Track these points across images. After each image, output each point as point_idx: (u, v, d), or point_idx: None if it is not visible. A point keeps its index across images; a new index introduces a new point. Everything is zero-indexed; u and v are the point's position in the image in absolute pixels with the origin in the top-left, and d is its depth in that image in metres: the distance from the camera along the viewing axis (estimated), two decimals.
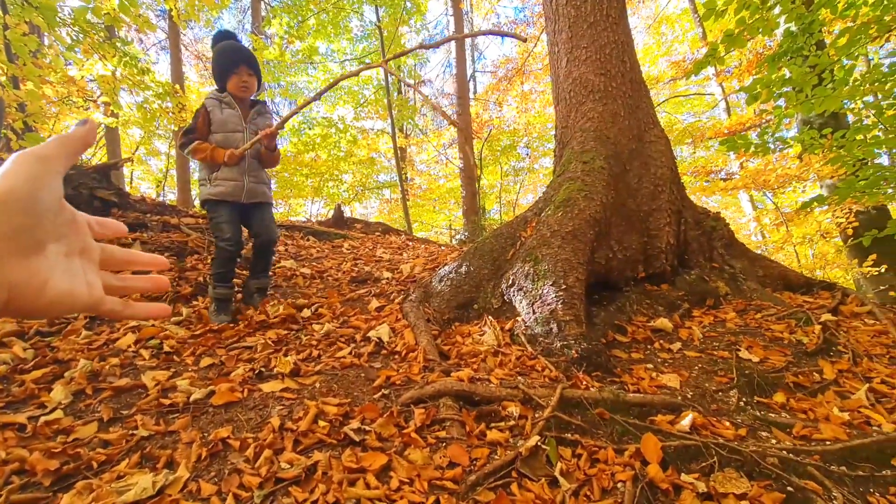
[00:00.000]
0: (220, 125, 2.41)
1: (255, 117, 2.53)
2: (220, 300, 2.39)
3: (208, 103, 2.43)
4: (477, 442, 1.40)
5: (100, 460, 1.20)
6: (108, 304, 0.40)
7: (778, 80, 3.46)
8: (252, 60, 2.49)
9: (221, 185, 2.37)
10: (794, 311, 2.69)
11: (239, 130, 2.45)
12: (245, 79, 2.45)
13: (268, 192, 2.59)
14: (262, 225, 2.51)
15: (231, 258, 2.41)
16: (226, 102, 2.44)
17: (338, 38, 11.07)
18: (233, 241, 2.38)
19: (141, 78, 7.63)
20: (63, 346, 1.83)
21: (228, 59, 2.44)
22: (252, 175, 2.47)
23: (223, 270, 2.39)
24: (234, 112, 2.44)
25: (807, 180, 6.79)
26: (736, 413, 1.80)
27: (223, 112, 2.42)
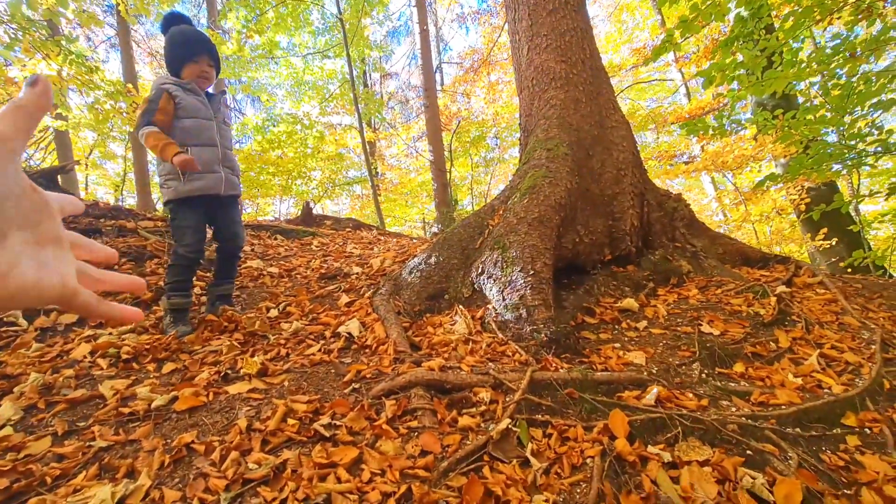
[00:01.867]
0: (190, 110, 2.17)
1: (220, 106, 2.35)
2: (177, 311, 2.18)
3: (170, 87, 2.15)
4: (449, 429, 1.41)
5: (54, 475, 1.15)
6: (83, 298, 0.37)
7: (731, 64, 3.58)
8: (214, 50, 2.31)
9: (199, 179, 2.13)
10: (751, 285, 2.81)
11: (209, 118, 2.25)
12: (205, 69, 2.26)
13: (240, 184, 2.43)
14: (230, 228, 2.32)
15: (190, 266, 2.21)
16: (189, 88, 2.20)
17: (298, 31, 10.79)
18: (194, 249, 2.16)
19: (90, 77, 7.26)
20: (11, 361, 1.73)
21: (190, 45, 2.23)
22: (228, 166, 2.29)
23: (180, 279, 2.18)
24: (200, 98, 2.23)
25: (762, 160, 7.08)
26: (698, 385, 1.87)
27: (188, 96, 2.19)
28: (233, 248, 2.36)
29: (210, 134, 2.21)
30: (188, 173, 2.08)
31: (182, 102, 2.14)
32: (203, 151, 2.15)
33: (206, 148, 2.17)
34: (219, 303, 2.36)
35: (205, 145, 2.17)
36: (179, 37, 2.22)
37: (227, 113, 2.40)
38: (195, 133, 2.16)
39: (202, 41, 2.27)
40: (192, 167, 2.00)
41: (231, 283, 2.45)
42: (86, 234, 3.15)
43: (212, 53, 2.29)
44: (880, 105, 3.28)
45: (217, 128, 2.25)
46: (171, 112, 2.11)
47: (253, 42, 10.27)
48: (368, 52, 11.81)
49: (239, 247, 2.37)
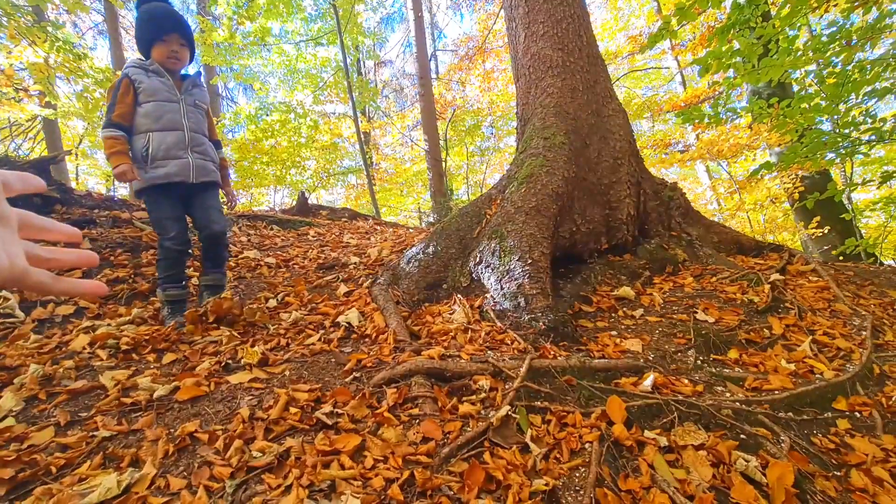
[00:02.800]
0: (149, 93, 2.03)
1: (192, 88, 2.20)
2: (173, 301, 2.12)
3: (130, 71, 2.03)
4: (449, 416, 1.42)
5: (59, 465, 1.16)
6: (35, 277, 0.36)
7: (727, 52, 3.57)
8: (185, 28, 2.15)
9: (163, 167, 2.01)
10: (745, 273, 2.84)
11: (174, 100, 2.10)
12: (175, 48, 2.10)
13: (215, 171, 2.25)
14: (206, 215, 2.17)
15: (179, 259, 2.13)
16: (152, 70, 2.07)
17: (291, 17, 10.60)
18: (179, 240, 2.06)
19: (78, 64, 7.12)
20: (10, 353, 1.73)
21: (158, 24, 2.07)
22: (197, 150, 2.14)
23: (172, 272, 2.12)
24: (165, 80, 2.09)
25: (757, 149, 7.10)
26: (693, 371, 1.91)
27: (150, 78, 2.05)
28: (211, 234, 2.19)
29: (173, 117, 2.07)
30: (151, 161, 2.00)
31: (143, 86, 2.03)
32: (166, 136, 2.04)
33: (169, 133, 2.05)
34: (207, 293, 2.24)
35: (167, 129, 2.05)
36: (146, 14, 2.08)
37: (200, 94, 2.25)
38: (155, 117, 2.04)
39: (171, 18, 2.11)
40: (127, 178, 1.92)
41: (219, 272, 2.32)
42: (79, 224, 3.12)
43: (183, 32, 2.14)
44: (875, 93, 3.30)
45: (184, 110, 2.12)
46: (131, 102, 2.01)
47: (244, 29, 10.09)
48: (362, 40, 11.65)
49: (218, 233, 2.21)
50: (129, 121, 2.00)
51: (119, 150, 1.95)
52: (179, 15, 2.16)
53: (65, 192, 3.38)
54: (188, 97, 2.15)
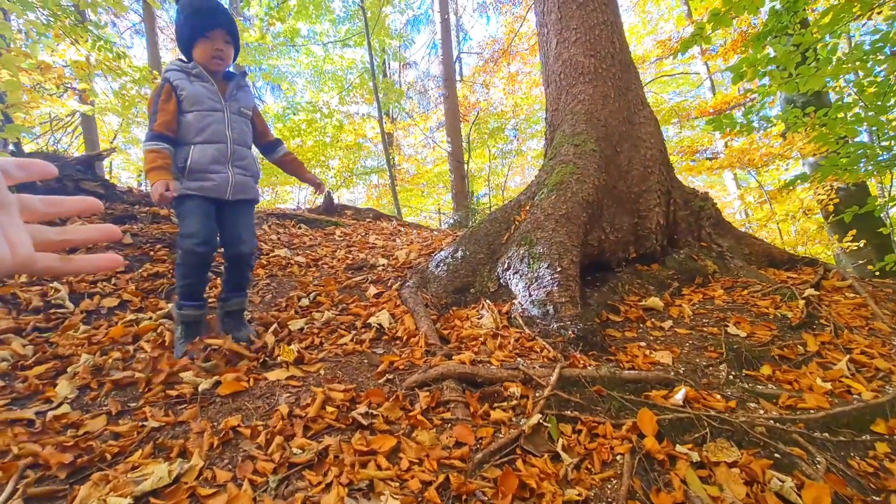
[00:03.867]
0: (192, 101, 1.83)
1: (236, 91, 1.97)
2: (189, 324, 1.85)
3: (171, 76, 1.83)
4: (481, 422, 1.45)
5: (113, 452, 1.22)
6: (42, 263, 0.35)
7: (763, 59, 3.50)
8: (231, 24, 1.90)
9: (201, 180, 1.82)
10: (778, 287, 2.78)
11: (218, 109, 1.88)
12: (220, 47, 1.86)
13: (255, 187, 2.03)
14: (235, 232, 1.93)
15: (201, 263, 1.84)
16: (195, 74, 1.85)
17: (320, 19, 10.79)
18: (202, 240, 1.79)
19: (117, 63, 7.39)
20: (62, 342, 1.82)
21: (201, 19, 1.84)
22: (238, 164, 1.91)
23: (191, 281, 1.84)
24: (208, 85, 1.87)
25: (789, 158, 6.92)
26: (725, 386, 1.88)
27: (193, 84, 1.84)
28: (238, 255, 1.94)
29: (217, 128, 1.86)
30: (189, 173, 1.81)
31: (185, 93, 1.82)
32: (207, 150, 1.83)
33: (210, 146, 1.84)
34: (228, 320, 2.01)
35: (209, 142, 1.84)
36: (188, 8, 1.84)
37: (245, 99, 2.02)
38: (198, 129, 1.83)
39: (217, 12, 1.86)
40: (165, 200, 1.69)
41: (242, 296, 2.04)
42: (121, 220, 3.25)
43: (228, 28, 1.89)
44: None
45: (228, 120, 1.90)
46: (174, 109, 1.81)
47: (274, 29, 10.32)
48: (389, 42, 11.78)
49: (246, 253, 1.95)
50: (173, 130, 1.81)
51: (159, 164, 1.74)
52: (224, 8, 1.93)
53: (108, 187, 3.53)
54: (233, 103, 1.94)
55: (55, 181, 3.05)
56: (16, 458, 1.17)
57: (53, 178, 2.91)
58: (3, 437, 1.23)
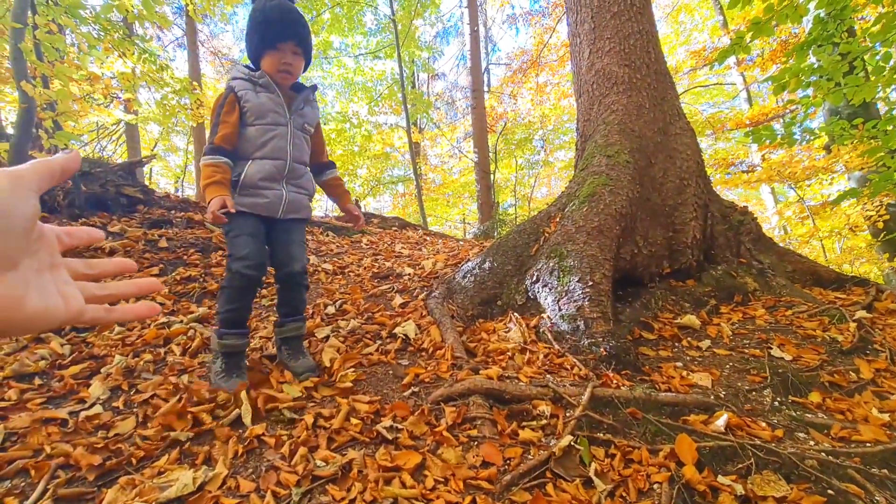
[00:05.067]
0: (256, 113, 1.70)
1: (303, 106, 1.83)
2: (231, 355, 1.65)
3: (237, 84, 1.71)
4: (509, 441, 1.39)
5: (139, 456, 1.22)
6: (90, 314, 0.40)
7: (808, 69, 3.36)
8: (304, 34, 1.74)
9: (254, 196, 1.70)
10: (826, 308, 2.61)
11: (282, 123, 1.74)
12: (289, 60, 1.71)
13: (308, 206, 1.89)
14: (287, 250, 1.79)
15: (248, 288, 1.68)
16: (261, 84, 1.72)
17: (352, 32, 11.05)
18: (252, 262, 1.64)
19: (160, 75, 7.73)
20: (97, 342, 1.87)
21: (271, 29, 1.69)
22: (293, 182, 1.79)
23: (235, 307, 1.67)
24: (274, 97, 1.73)
25: (833, 172, 6.60)
26: (771, 413, 1.76)
27: (258, 96, 1.71)
28: (290, 274, 1.79)
29: (278, 143, 1.73)
30: (241, 188, 1.70)
31: (249, 104, 1.70)
32: (264, 165, 1.71)
33: (268, 161, 1.72)
34: (286, 349, 1.83)
35: (268, 158, 1.73)
36: (259, 15, 1.69)
37: (311, 114, 1.88)
38: (259, 143, 1.71)
39: (288, 21, 1.70)
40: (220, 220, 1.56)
41: (299, 321, 1.85)
42: (158, 224, 3.35)
43: (300, 38, 1.73)
44: None
45: (291, 135, 1.76)
46: (236, 121, 1.69)
47: None
48: (418, 54, 11.94)
49: (296, 272, 1.79)
50: (234, 143, 1.69)
51: (217, 179, 1.61)
52: (298, 15, 1.73)
53: (146, 193, 3.66)
54: (297, 118, 1.80)
55: (98, 186, 3.18)
56: (48, 457, 1.19)
57: (97, 184, 3.03)
58: (37, 436, 1.25)
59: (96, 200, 3.12)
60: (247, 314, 1.73)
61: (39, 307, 0.35)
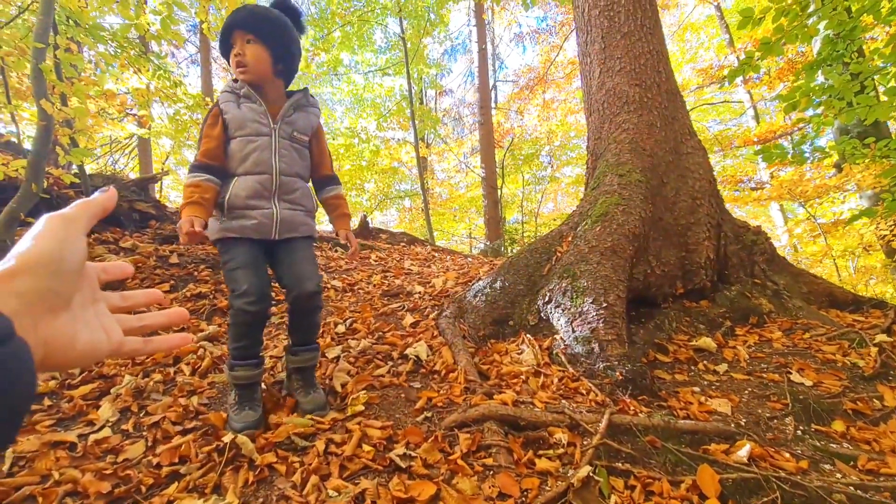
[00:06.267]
0: (236, 125, 1.58)
1: (292, 112, 1.66)
2: (243, 387, 1.55)
3: (221, 98, 1.61)
4: (526, 471, 1.35)
5: (148, 484, 1.20)
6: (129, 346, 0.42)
7: (818, 89, 3.36)
8: (255, 19, 1.55)
9: (241, 217, 1.56)
10: (845, 331, 2.56)
11: (264, 133, 1.59)
12: (238, 51, 1.54)
13: (308, 223, 1.72)
14: (293, 270, 1.62)
15: (254, 323, 1.55)
16: (243, 94, 1.59)
17: (362, 49, 11.23)
18: (253, 298, 1.50)
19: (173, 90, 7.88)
20: (107, 361, 1.85)
21: (223, 32, 1.57)
22: (286, 199, 1.63)
23: (245, 343, 1.56)
24: (255, 105, 1.59)
25: (845, 191, 6.54)
26: (794, 443, 1.71)
27: (240, 107, 1.58)
28: (301, 295, 1.61)
29: (261, 156, 1.58)
30: (228, 210, 1.56)
31: (229, 116, 1.58)
32: (248, 181, 1.57)
33: (251, 177, 1.57)
34: (297, 378, 1.69)
35: (251, 173, 1.58)
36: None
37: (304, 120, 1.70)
38: (241, 157, 1.58)
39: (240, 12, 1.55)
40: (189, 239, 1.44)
41: (312, 350, 1.71)
42: (169, 240, 3.36)
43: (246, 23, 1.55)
44: None
45: (276, 146, 1.60)
46: (219, 135, 1.58)
47: (319, 59, 10.80)
48: (427, 71, 12.10)
49: (309, 292, 1.61)
50: (219, 158, 1.58)
51: (194, 200, 1.49)
52: (255, 6, 1.57)
53: (158, 208, 3.69)
54: (284, 126, 1.63)
55: None
56: (56, 483, 1.16)
57: None
58: (46, 461, 1.23)
59: (110, 215, 3.12)
60: (257, 347, 1.62)
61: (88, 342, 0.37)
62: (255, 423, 1.48)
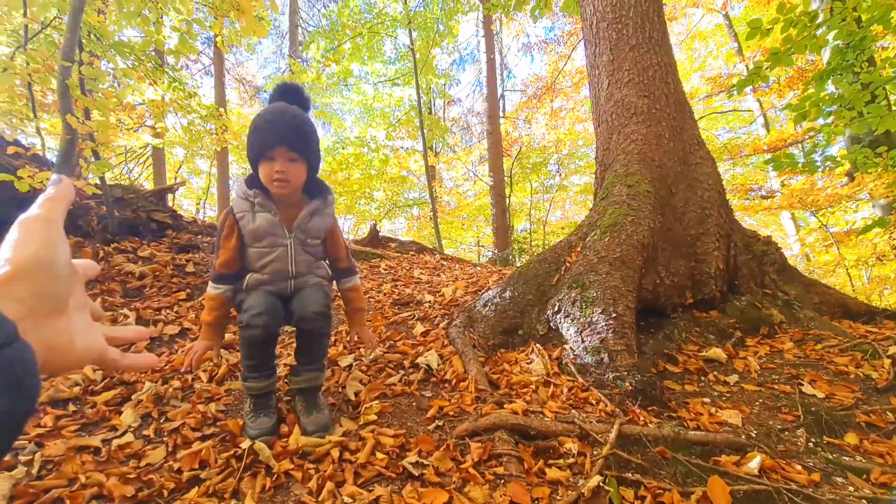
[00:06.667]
0: (253, 237, 1.59)
1: (309, 219, 1.65)
2: (258, 396, 1.57)
3: (235, 206, 1.60)
4: (536, 480, 1.37)
5: (170, 488, 1.23)
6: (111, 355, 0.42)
7: (828, 98, 3.37)
8: (299, 136, 1.54)
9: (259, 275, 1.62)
10: (858, 343, 2.54)
11: (281, 244, 1.61)
12: (280, 168, 1.51)
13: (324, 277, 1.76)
14: (300, 298, 1.62)
15: (263, 342, 1.55)
16: (258, 203, 1.58)
17: (372, 60, 11.40)
18: (260, 310, 1.51)
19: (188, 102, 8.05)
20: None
21: (262, 137, 1.52)
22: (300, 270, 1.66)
23: (254, 363, 1.57)
24: (271, 216, 1.58)
25: (857, 200, 6.48)
26: (806, 455, 1.70)
27: (255, 217, 1.58)
28: (302, 318, 1.59)
29: (278, 266, 1.61)
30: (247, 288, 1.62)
31: (246, 228, 1.58)
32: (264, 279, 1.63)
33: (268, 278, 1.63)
34: (300, 399, 1.65)
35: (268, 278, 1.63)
36: (252, 125, 1.56)
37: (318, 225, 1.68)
38: (258, 265, 1.61)
39: (278, 126, 1.51)
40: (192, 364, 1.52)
41: (316, 370, 1.67)
42: (185, 249, 3.44)
43: (292, 141, 1.52)
44: None
45: (293, 253, 1.62)
46: (234, 246, 1.60)
47: (329, 70, 10.98)
48: (436, 81, 12.24)
49: (314, 313, 1.59)
50: (235, 266, 1.62)
51: (211, 320, 1.58)
52: (293, 116, 1.54)
53: (175, 218, 3.78)
54: (299, 234, 1.64)
55: (130, 211, 3.30)
56: (83, 486, 1.21)
57: (129, 209, 3.13)
58: (72, 464, 1.27)
59: (128, 225, 3.23)
60: (270, 361, 1.63)
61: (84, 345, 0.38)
62: (271, 430, 1.51)
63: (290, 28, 14.57)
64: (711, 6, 12.71)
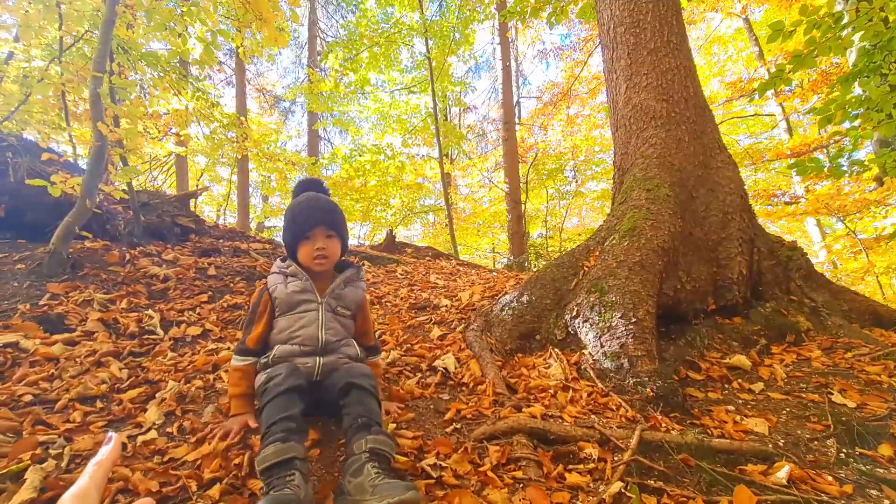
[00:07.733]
0: (285, 306, 1.64)
1: (343, 287, 1.72)
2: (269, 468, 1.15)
3: (270, 280, 1.69)
4: (556, 485, 1.35)
5: (193, 485, 1.25)
6: None
7: (854, 101, 3.28)
8: (334, 218, 1.69)
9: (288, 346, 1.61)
10: (890, 351, 2.45)
11: (312, 309, 1.64)
12: (320, 244, 1.64)
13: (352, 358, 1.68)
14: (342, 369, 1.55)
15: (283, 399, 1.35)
16: (290, 273, 1.67)
17: (388, 68, 11.55)
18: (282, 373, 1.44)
19: (210, 111, 8.27)
20: (153, 367, 1.95)
21: (299, 222, 1.66)
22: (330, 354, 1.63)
23: (273, 422, 1.27)
24: (303, 282, 1.66)
25: (886, 205, 6.28)
26: (837, 466, 1.64)
27: (288, 286, 1.65)
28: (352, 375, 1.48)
29: (308, 332, 1.61)
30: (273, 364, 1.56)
31: (278, 298, 1.64)
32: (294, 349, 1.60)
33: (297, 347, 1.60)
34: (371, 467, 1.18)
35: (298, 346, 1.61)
36: (289, 215, 1.70)
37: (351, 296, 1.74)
38: (289, 333, 1.62)
39: (316, 209, 1.67)
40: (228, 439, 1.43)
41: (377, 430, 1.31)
42: (207, 253, 3.51)
43: (329, 221, 1.68)
44: None
45: (323, 319, 1.64)
46: (267, 321, 1.64)
47: (347, 79, 11.16)
48: (451, 88, 12.33)
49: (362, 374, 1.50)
50: (262, 342, 1.64)
51: (240, 392, 1.56)
52: (326, 202, 1.70)
53: (198, 223, 3.88)
54: (331, 300, 1.68)
55: (155, 216, 3.40)
56: (109, 480, 1.23)
57: (154, 214, 3.22)
58: None
59: (153, 230, 3.32)
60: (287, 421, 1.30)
61: None
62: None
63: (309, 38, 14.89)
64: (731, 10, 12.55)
